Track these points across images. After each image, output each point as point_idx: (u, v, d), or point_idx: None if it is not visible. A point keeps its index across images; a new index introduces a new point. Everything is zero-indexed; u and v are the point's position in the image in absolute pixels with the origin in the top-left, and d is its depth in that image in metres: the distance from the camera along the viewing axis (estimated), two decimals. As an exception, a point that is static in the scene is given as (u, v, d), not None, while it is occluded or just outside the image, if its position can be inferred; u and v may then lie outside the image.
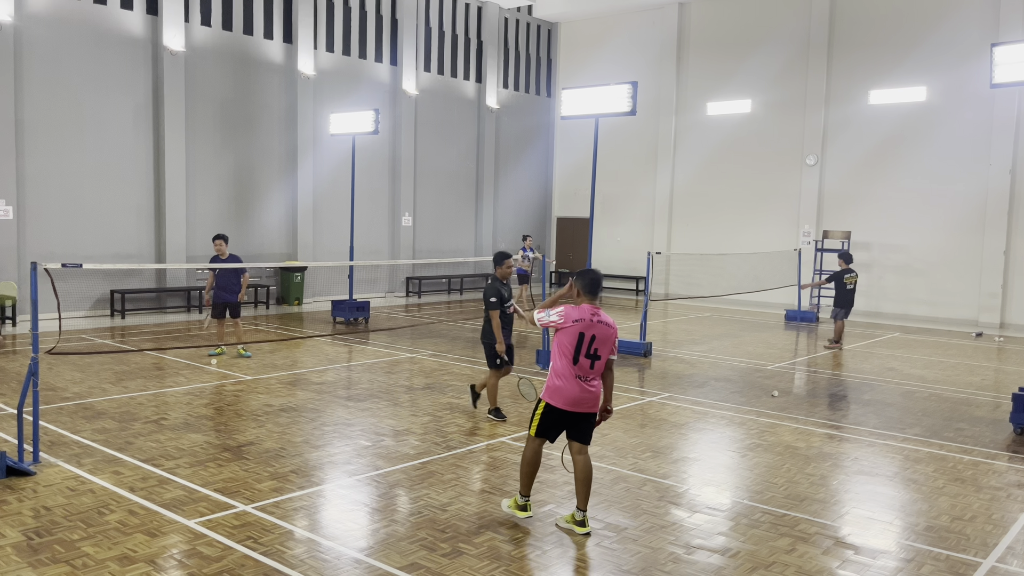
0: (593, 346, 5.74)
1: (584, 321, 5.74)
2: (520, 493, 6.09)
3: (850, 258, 15.71)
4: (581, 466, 5.87)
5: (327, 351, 13.59)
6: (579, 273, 5.95)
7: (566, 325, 5.74)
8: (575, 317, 5.76)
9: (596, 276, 5.93)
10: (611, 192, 25.02)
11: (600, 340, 5.75)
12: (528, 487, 6.06)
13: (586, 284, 5.88)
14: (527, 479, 6.03)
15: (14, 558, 5.20)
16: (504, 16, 25.51)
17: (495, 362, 8.97)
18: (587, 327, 5.72)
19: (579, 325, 5.73)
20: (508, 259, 9.01)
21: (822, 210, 21.82)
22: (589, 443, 5.95)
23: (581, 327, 5.72)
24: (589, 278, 5.89)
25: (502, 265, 8.94)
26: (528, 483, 6.04)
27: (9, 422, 8.41)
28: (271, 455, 7.58)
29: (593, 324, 5.74)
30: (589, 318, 5.75)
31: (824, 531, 6.06)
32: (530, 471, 6.01)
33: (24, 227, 15.52)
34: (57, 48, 15.85)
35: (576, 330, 5.72)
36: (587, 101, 12.73)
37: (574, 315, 5.77)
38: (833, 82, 21.48)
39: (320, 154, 20.40)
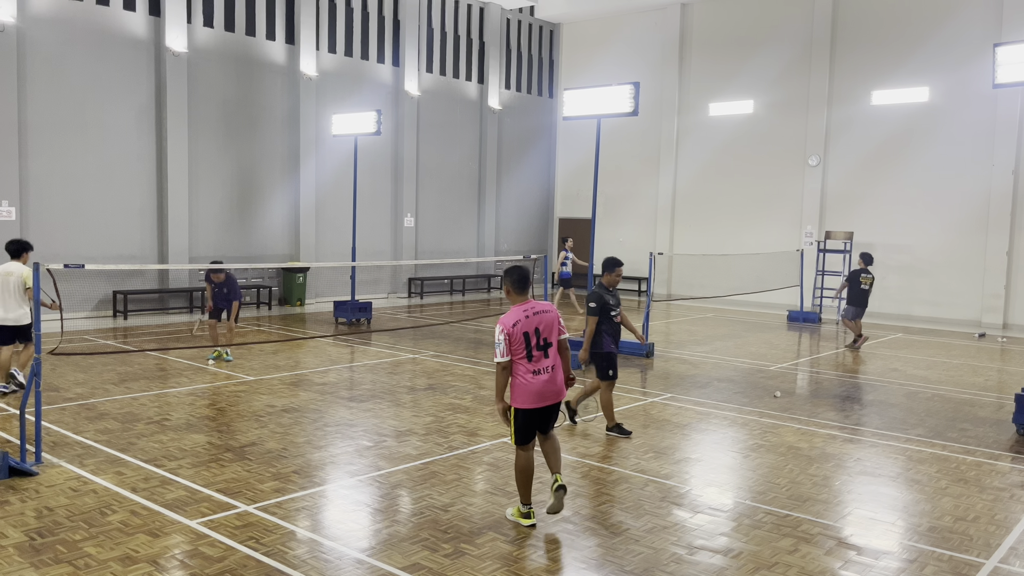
0: (541, 337, 5.87)
1: (521, 321, 5.82)
2: (522, 502, 6.06)
3: (870, 259, 15.37)
4: (547, 446, 6.11)
5: (329, 352, 13.59)
6: (507, 271, 6.02)
7: (512, 334, 5.78)
8: (512, 322, 5.81)
9: (524, 271, 6.03)
10: (613, 193, 25.02)
11: (544, 328, 5.88)
12: (527, 495, 6.04)
13: (515, 281, 5.99)
14: (524, 488, 6.03)
15: (16, 558, 5.20)
16: (506, 17, 25.52)
17: (607, 373, 8.46)
18: (526, 324, 5.82)
19: (519, 327, 5.80)
20: (619, 267, 8.58)
21: (824, 211, 21.79)
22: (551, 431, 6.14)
23: (523, 327, 5.81)
24: (518, 275, 6.00)
25: (612, 272, 8.54)
26: (526, 491, 6.03)
27: (12, 422, 8.42)
28: (273, 455, 7.58)
29: (531, 319, 5.84)
30: (523, 317, 5.83)
31: (827, 532, 6.05)
32: (525, 479, 6.01)
33: (27, 228, 15.54)
34: (60, 49, 15.88)
35: (519, 332, 5.79)
36: (589, 102, 12.74)
37: (511, 321, 5.82)
38: (836, 82, 21.45)
39: (322, 155, 20.41)
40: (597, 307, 8.38)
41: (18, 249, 9.74)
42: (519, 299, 5.97)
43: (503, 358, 5.82)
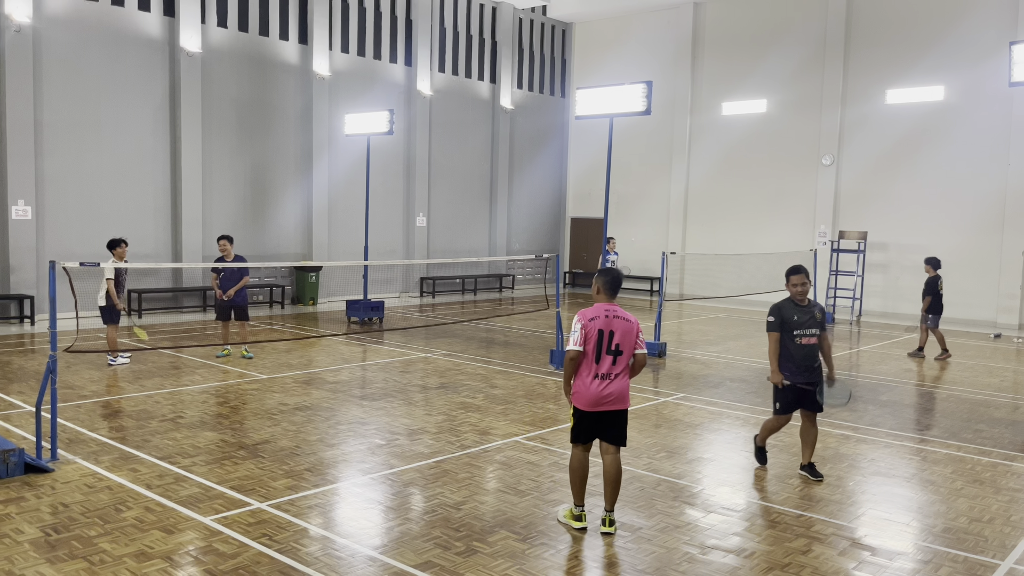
0: (614, 342, 5.74)
1: (599, 318, 5.76)
2: (575, 503, 5.96)
3: (939, 263, 14.66)
4: (609, 466, 5.85)
5: (342, 350, 13.63)
6: (601, 271, 5.99)
7: (587, 327, 5.75)
8: (590, 316, 5.78)
9: (617, 275, 5.99)
10: (625, 192, 24.98)
11: (620, 335, 5.75)
12: (581, 496, 5.93)
13: (607, 282, 5.91)
14: (577, 487, 5.93)
15: (32, 554, 5.25)
16: (518, 16, 25.52)
17: (775, 405, 7.26)
18: (604, 323, 5.74)
19: (596, 323, 5.75)
20: (795, 274, 7.12)
21: (838, 210, 21.68)
22: (622, 444, 5.89)
23: (599, 324, 5.74)
24: (611, 276, 5.94)
25: (787, 281, 7.16)
26: (579, 491, 5.93)
27: (28, 420, 8.49)
28: (286, 453, 7.61)
29: (610, 320, 5.76)
30: (603, 315, 5.77)
31: (840, 532, 6.01)
32: (576, 479, 5.93)
33: (43, 227, 15.68)
34: (75, 50, 16.00)
35: (594, 328, 5.74)
36: (602, 101, 12.72)
37: (589, 315, 5.79)
38: (850, 81, 21.34)
39: (335, 154, 20.48)
40: (776, 321, 7.03)
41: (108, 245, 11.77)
42: (605, 300, 5.89)
43: (575, 346, 5.75)
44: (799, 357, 7.02)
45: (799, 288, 7.05)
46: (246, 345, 12.60)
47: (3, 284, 15.35)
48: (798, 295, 7.07)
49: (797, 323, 7.00)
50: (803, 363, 7.04)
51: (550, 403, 9.95)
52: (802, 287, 7.03)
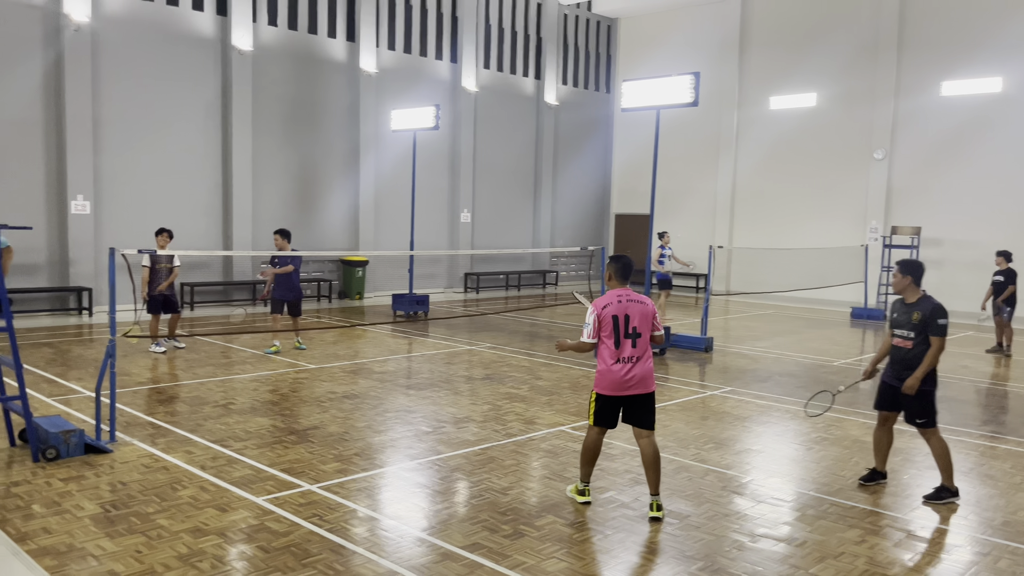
0: (631, 325, 5.79)
1: (612, 304, 5.81)
2: (580, 479, 6.13)
3: (1011, 256, 14.18)
4: (646, 450, 5.86)
5: (388, 342, 13.76)
6: (612, 258, 6.04)
7: (601, 315, 5.79)
8: (603, 304, 5.83)
9: (628, 261, 6.04)
10: (671, 188, 24.72)
11: (636, 317, 5.80)
12: (588, 474, 6.10)
13: (619, 268, 5.98)
14: (586, 466, 6.08)
15: (92, 528, 5.40)
16: (563, 12, 25.47)
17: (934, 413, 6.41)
18: (619, 308, 5.79)
19: (609, 309, 5.79)
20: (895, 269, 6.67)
21: (890, 205, 21.20)
22: (652, 427, 5.89)
23: (612, 310, 5.79)
24: (622, 263, 6.00)
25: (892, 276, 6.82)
26: (588, 471, 6.09)
27: (87, 404, 8.74)
28: (335, 438, 7.72)
29: (624, 304, 5.81)
30: (616, 300, 5.82)
31: (895, 524, 5.89)
32: (589, 459, 6.04)
33: (100, 221, 16.12)
34: (131, 48, 16.40)
35: (609, 314, 5.78)
36: (648, 92, 12.63)
37: (602, 303, 5.85)
38: (903, 74, 20.85)
39: (381, 150, 20.67)
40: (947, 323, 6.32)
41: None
42: (618, 286, 5.96)
43: (589, 339, 5.84)
44: (892, 357, 6.59)
45: (894, 284, 6.63)
46: (299, 337, 12.76)
47: (63, 276, 15.82)
48: (896, 291, 6.63)
49: (893, 321, 6.59)
50: (892, 364, 6.57)
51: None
52: (895, 283, 6.58)
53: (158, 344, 12.08)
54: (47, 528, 5.38)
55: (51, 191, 15.63)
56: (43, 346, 12.38)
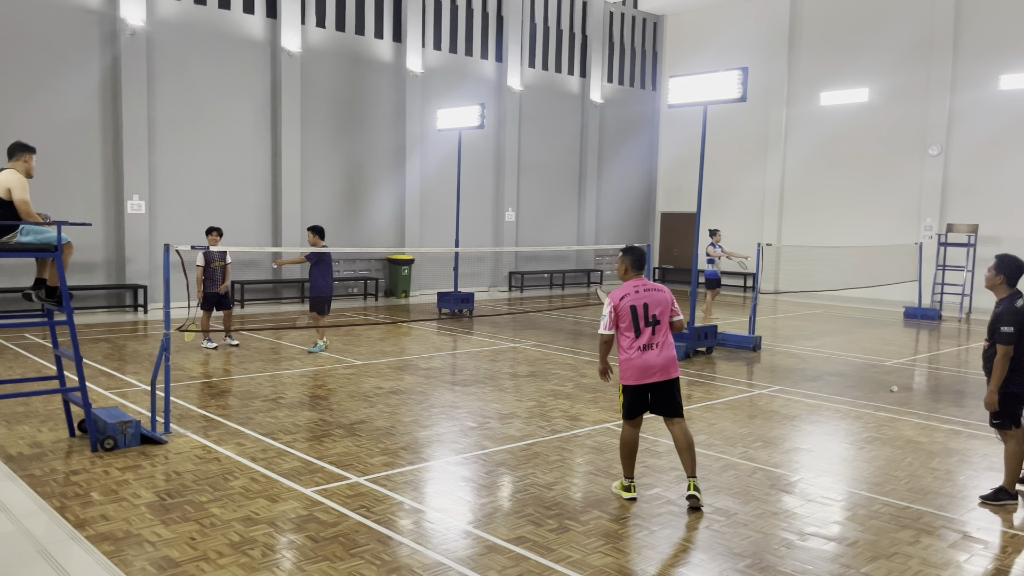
0: (650, 313, 5.85)
1: (630, 295, 5.88)
2: (624, 475, 6.13)
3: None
4: (678, 436, 5.92)
5: (433, 340, 13.86)
6: (625, 250, 6.09)
7: (618, 307, 5.85)
8: (620, 295, 5.90)
9: (642, 251, 6.13)
10: (718, 186, 24.46)
11: (654, 305, 5.87)
12: (630, 469, 6.09)
13: (634, 260, 6.07)
14: (626, 461, 6.09)
15: (148, 516, 5.55)
16: (609, 10, 25.36)
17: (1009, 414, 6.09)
18: (635, 299, 5.87)
19: (627, 300, 5.87)
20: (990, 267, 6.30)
21: (946, 202, 20.67)
22: (680, 415, 5.93)
23: (629, 301, 5.86)
24: (636, 254, 6.08)
25: None
26: (629, 465, 6.09)
27: (142, 397, 8.97)
28: (382, 433, 7.80)
29: (640, 294, 5.89)
30: (633, 290, 5.90)
31: (950, 525, 5.75)
32: (627, 452, 6.06)
33: (155, 220, 16.53)
34: (184, 51, 16.80)
35: (626, 305, 5.84)
36: (695, 88, 12.51)
37: (619, 295, 5.91)
38: (960, 68, 20.31)
39: (427, 150, 20.83)
40: (1016, 330, 5.91)
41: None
42: (634, 277, 6.03)
43: (606, 331, 5.93)
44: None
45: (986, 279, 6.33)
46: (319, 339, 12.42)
47: (119, 274, 16.27)
48: (987, 287, 6.33)
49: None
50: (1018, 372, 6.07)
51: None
52: (987, 278, 6.30)
53: (210, 340, 12.33)
54: (105, 515, 5.54)
55: (108, 191, 16.08)
56: (101, 341, 12.74)
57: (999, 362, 5.95)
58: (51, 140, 14.99)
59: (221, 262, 12.33)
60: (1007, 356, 5.93)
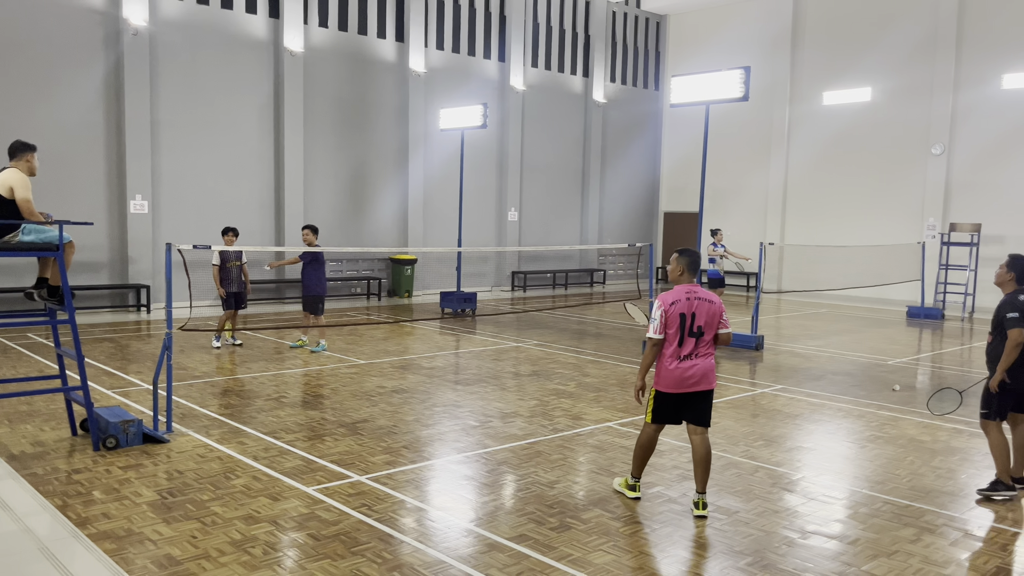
0: (696, 323, 5.69)
1: (681, 302, 5.70)
2: (631, 474, 6.11)
3: None
4: (698, 447, 5.78)
5: (436, 339, 13.87)
6: (681, 252, 5.93)
7: (668, 312, 5.70)
8: (671, 300, 5.72)
9: (697, 255, 5.95)
10: (721, 185, 24.46)
11: (702, 316, 5.69)
12: (639, 470, 6.07)
13: (690, 263, 5.88)
14: (639, 462, 6.03)
15: (150, 514, 5.56)
16: (612, 10, 25.36)
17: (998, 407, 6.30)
18: (686, 307, 5.69)
19: (677, 307, 5.69)
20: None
21: (949, 202, 20.64)
22: (707, 424, 5.81)
23: (680, 308, 5.69)
24: (692, 257, 5.90)
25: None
26: (640, 466, 6.05)
27: (145, 396, 8.99)
28: (384, 431, 7.81)
29: (691, 302, 5.70)
30: (685, 297, 5.72)
31: (952, 523, 5.73)
32: (643, 455, 6.01)
33: (158, 221, 16.56)
34: (187, 51, 16.82)
35: (676, 312, 5.68)
36: (698, 88, 12.51)
37: (670, 299, 5.74)
38: (963, 67, 20.27)
39: (430, 149, 20.84)
40: (1021, 316, 6.06)
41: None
42: (687, 281, 5.86)
43: (656, 335, 5.73)
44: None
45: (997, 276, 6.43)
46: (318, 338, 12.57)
47: (122, 274, 16.30)
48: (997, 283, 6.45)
49: None
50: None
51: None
52: (997, 275, 6.37)
53: (217, 338, 12.32)
54: (107, 513, 5.55)
55: (111, 191, 16.12)
56: (104, 341, 12.77)
57: (1009, 347, 6.06)
58: (55, 140, 15.04)
59: (237, 261, 12.25)
60: (1015, 341, 6.02)
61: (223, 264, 12.13)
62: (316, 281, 12.23)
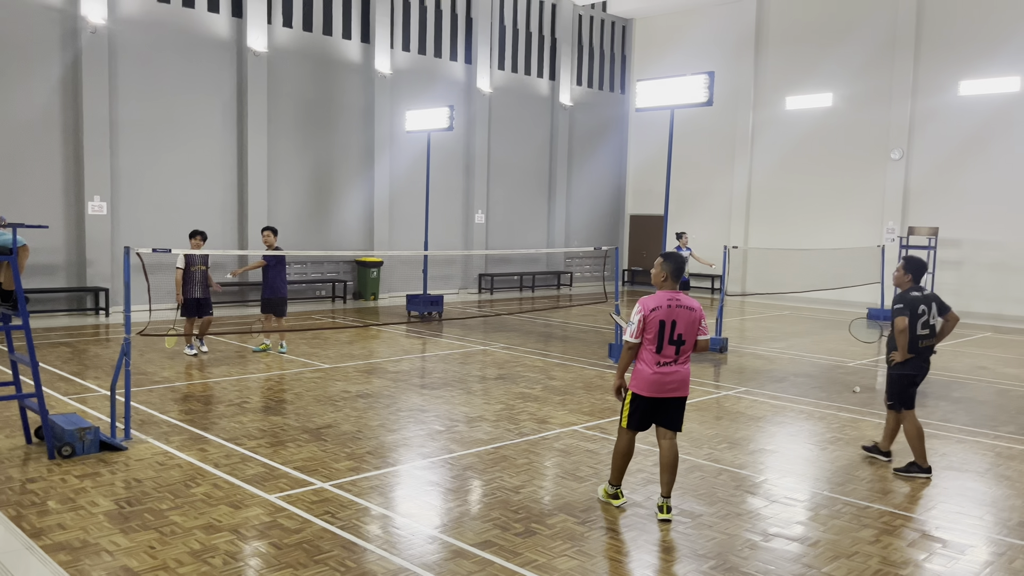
0: (676, 331, 5.65)
1: (662, 308, 5.65)
2: (610, 482, 6.07)
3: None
4: (666, 451, 5.79)
5: (402, 342, 13.79)
6: (665, 256, 5.85)
7: (648, 317, 5.67)
8: (652, 306, 5.68)
9: (682, 260, 5.88)
10: (686, 188, 24.65)
11: (683, 324, 5.66)
12: (619, 477, 6.03)
13: (674, 269, 5.78)
14: (618, 470, 6.00)
15: (106, 524, 5.44)
16: (578, 13, 25.45)
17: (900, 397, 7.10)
18: (667, 314, 5.64)
19: (658, 313, 5.65)
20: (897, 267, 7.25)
21: (907, 206, 21.04)
22: (678, 429, 5.83)
23: (660, 315, 5.64)
24: (677, 263, 5.80)
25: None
26: (619, 474, 6.02)
27: (103, 402, 8.81)
28: (348, 437, 7.74)
29: (673, 310, 5.65)
30: (666, 304, 5.66)
31: (910, 524, 5.83)
32: (622, 463, 5.98)
33: (117, 222, 16.25)
34: (148, 50, 16.53)
35: (656, 318, 5.65)
36: (662, 92, 12.59)
37: (651, 304, 5.69)
38: (921, 73, 20.69)
39: (396, 151, 20.73)
40: (904, 307, 6.92)
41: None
42: (670, 287, 5.78)
43: (633, 339, 5.72)
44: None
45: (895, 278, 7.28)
46: (283, 340, 12.53)
47: (80, 277, 15.97)
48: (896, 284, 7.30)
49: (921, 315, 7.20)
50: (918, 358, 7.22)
51: (609, 395, 9.89)
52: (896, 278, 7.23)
53: (191, 347, 12.06)
54: (62, 524, 5.43)
55: (69, 192, 15.78)
56: (60, 345, 12.50)
57: (896, 333, 6.93)
58: (10, 139, 14.70)
59: (203, 266, 11.88)
60: (898, 328, 6.89)
61: (187, 268, 11.78)
62: (281, 283, 12.25)
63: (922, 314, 6.95)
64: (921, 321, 6.95)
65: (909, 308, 6.92)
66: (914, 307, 6.93)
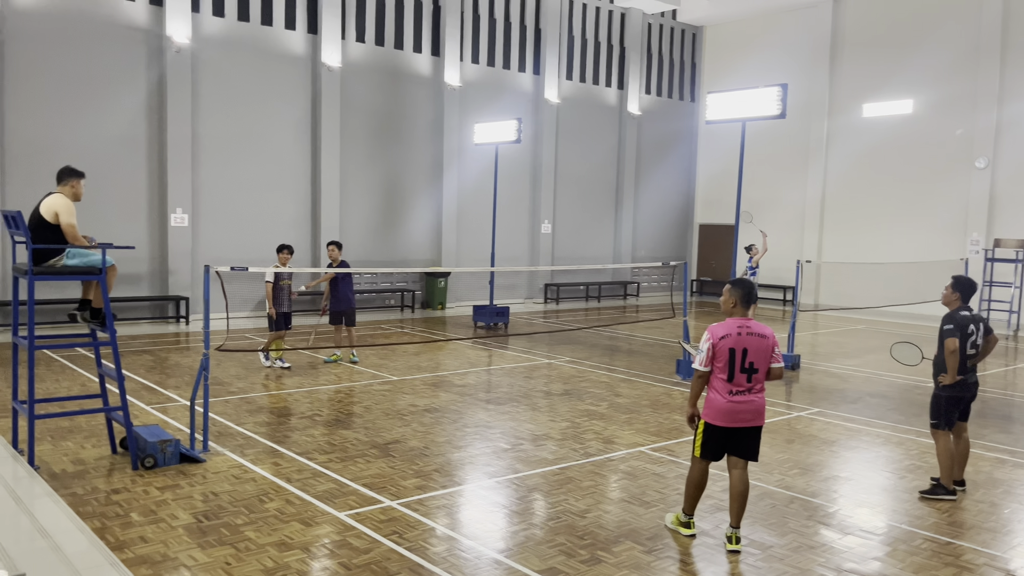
0: (747, 360, 5.53)
1: (731, 336, 5.55)
2: (684, 511, 5.97)
3: None
4: (737, 481, 5.69)
5: (468, 354, 13.90)
6: (734, 282, 5.77)
7: (717, 346, 5.57)
8: (721, 334, 5.57)
9: (752, 286, 5.78)
10: (757, 198, 24.15)
11: (754, 352, 5.54)
12: (692, 507, 5.93)
13: (743, 295, 5.69)
14: (691, 500, 5.90)
15: (185, 538, 5.64)
16: (648, 22, 25.27)
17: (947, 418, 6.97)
18: (736, 342, 5.53)
19: (727, 341, 5.54)
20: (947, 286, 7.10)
21: (993, 216, 20.19)
22: (753, 459, 5.72)
23: (730, 343, 5.53)
24: (746, 288, 5.71)
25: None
26: (693, 504, 5.92)
27: (182, 412, 9.14)
28: (415, 453, 7.84)
29: (742, 337, 5.54)
30: (736, 332, 5.56)
31: (993, 563, 5.60)
32: (695, 493, 5.88)
33: (197, 234, 16.85)
34: (228, 67, 17.12)
35: (725, 347, 5.54)
36: (733, 104, 12.39)
37: (720, 332, 5.58)
38: (1007, 78, 19.85)
39: (464, 163, 20.93)
40: (955, 327, 6.84)
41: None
42: (740, 314, 5.69)
43: (702, 367, 5.63)
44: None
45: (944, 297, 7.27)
46: (354, 350, 12.78)
47: (162, 286, 16.61)
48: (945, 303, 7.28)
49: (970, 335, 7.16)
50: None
51: (676, 414, 9.77)
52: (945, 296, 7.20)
53: (281, 360, 12.14)
54: (144, 537, 5.65)
55: (153, 204, 16.44)
56: (144, 353, 13.01)
57: (946, 354, 6.82)
58: (99, 155, 15.37)
59: (288, 280, 12.10)
60: (949, 349, 6.77)
61: (276, 282, 11.92)
62: (349, 294, 12.70)
63: (971, 334, 6.89)
64: (970, 341, 6.89)
65: (960, 329, 6.84)
66: (964, 327, 6.85)
